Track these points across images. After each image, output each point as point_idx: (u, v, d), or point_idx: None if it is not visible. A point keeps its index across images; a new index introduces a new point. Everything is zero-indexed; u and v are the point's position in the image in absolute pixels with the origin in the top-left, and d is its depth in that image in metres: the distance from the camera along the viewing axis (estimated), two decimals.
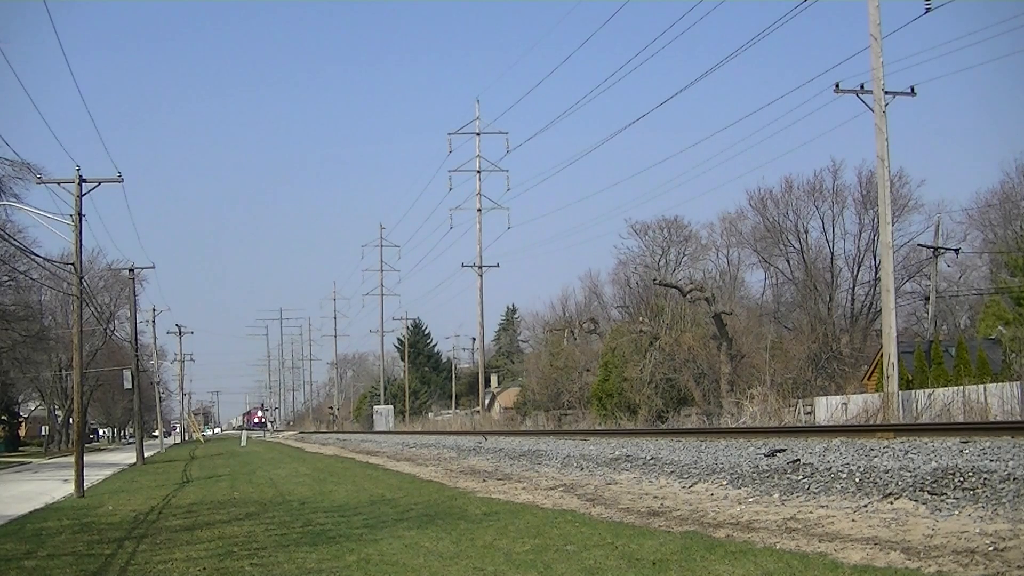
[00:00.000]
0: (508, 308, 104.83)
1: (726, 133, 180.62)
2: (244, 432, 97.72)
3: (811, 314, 48.23)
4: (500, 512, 13.60)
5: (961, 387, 26.31)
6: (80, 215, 25.37)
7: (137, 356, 48.67)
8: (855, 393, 34.18)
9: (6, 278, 43.65)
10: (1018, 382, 26.31)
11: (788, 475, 13.26)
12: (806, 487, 12.45)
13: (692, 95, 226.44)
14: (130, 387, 48.81)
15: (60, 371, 66.55)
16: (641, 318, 46.83)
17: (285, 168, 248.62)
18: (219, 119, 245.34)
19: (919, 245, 48.63)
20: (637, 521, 11.86)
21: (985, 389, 25.79)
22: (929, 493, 10.59)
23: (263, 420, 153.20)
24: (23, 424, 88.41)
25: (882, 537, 9.19)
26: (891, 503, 10.77)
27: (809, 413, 33.29)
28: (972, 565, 7.75)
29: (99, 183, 26.00)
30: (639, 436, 24.73)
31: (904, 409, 25.06)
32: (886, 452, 13.54)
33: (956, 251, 47.28)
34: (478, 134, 59.77)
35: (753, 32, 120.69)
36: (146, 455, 46.19)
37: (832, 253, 52.86)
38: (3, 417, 76.11)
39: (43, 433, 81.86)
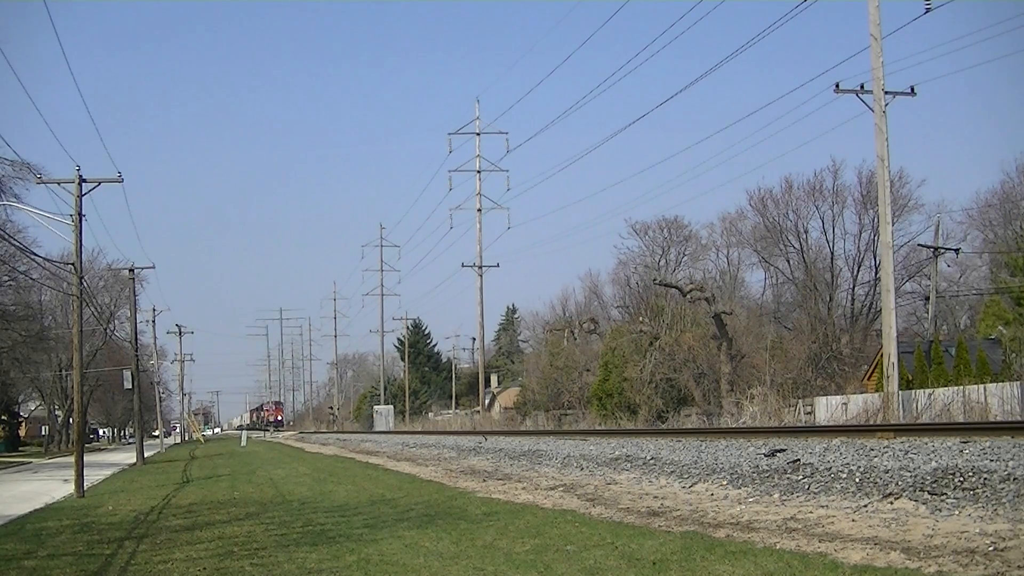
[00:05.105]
0: (508, 308, 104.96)
1: (726, 133, 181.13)
2: (244, 432, 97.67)
3: (811, 314, 48.18)
4: (500, 512, 13.59)
5: (961, 387, 26.30)
6: (80, 215, 25.37)
7: (137, 356, 48.66)
8: (855, 393, 34.16)
9: (6, 278, 43.65)
10: (1018, 382, 26.30)
11: (788, 475, 13.27)
12: (806, 487, 12.45)
13: (692, 95, 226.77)
14: (130, 387, 48.79)
15: (60, 371, 66.54)
16: (641, 318, 46.83)
17: (285, 168, 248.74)
18: (219, 119, 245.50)
19: (919, 245, 48.64)
20: (637, 521, 11.86)
21: (985, 389, 25.78)
22: (929, 493, 10.59)
23: (280, 418, 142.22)
24: (23, 424, 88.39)
25: (882, 537, 9.19)
26: (891, 503, 10.77)
27: (809, 413, 33.28)
28: (972, 565, 7.75)
29: (99, 183, 26.01)
30: (639, 436, 24.73)
31: (904, 409, 25.06)
32: (886, 452, 13.54)
33: (956, 251, 47.25)
34: (478, 134, 59.80)
35: (753, 32, 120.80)
36: (146, 455, 46.18)
37: (832, 253, 52.88)
38: (3, 417, 76.11)
39: (43, 433, 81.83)
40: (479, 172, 60.12)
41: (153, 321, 68.59)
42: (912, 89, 26.62)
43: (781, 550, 9.08)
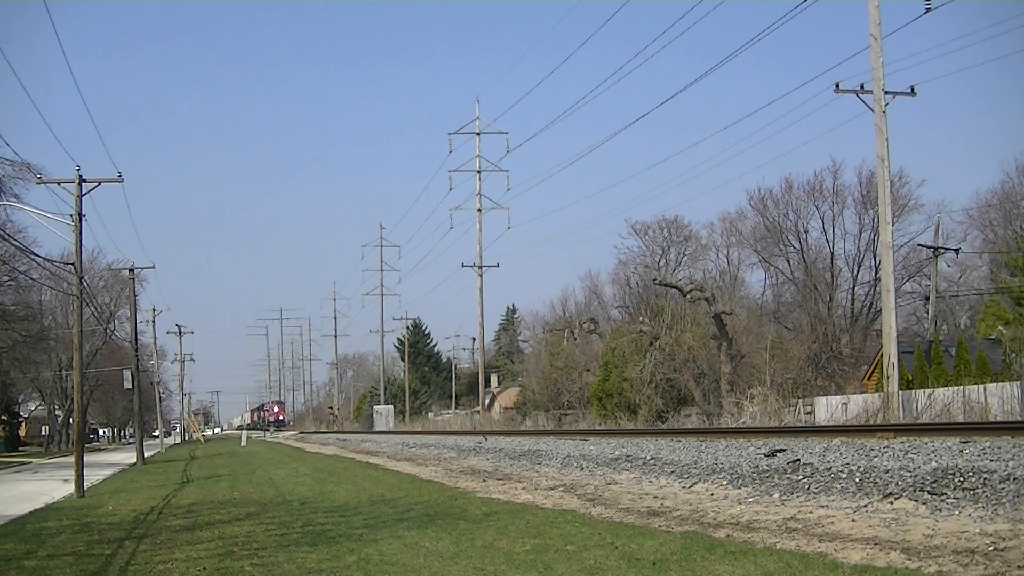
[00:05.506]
0: (508, 308, 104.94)
1: (726, 133, 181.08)
2: (244, 432, 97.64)
3: (811, 314, 48.20)
4: (500, 512, 13.59)
5: (961, 387, 26.30)
6: (80, 215, 25.38)
7: (137, 356, 48.66)
8: (855, 393, 34.16)
9: (6, 278, 43.62)
10: (1018, 382, 26.30)
11: (788, 475, 13.26)
12: (806, 487, 12.45)
13: (692, 95, 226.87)
14: (130, 387, 48.81)
15: (60, 371, 66.54)
16: (641, 318, 46.82)
17: (285, 168, 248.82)
18: (219, 119, 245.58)
19: (919, 245, 48.67)
20: (637, 521, 11.86)
21: (985, 389, 25.78)
22: (929, 493, 10.59)
23: (282, 417, 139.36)
24: (23, 424, 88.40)
25: (882, 537, 9.19)
26: (891, 503, 10.77)
27: (809, 413, 33.28)
28: (972, 565, 7.75)
29: (99, 183, 26.03)
30: (639, 436, 24.73)
31: (904, 409, 25.05)
32: (886, 452, 13.54)
33: (956, 251, 47.28)
34: (478, 134, 59.81)
35: (753, 32, 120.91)
36: (146, 455, 46.19)
37: (832, 253, 52.91)
38: (3, 417, 76.11)
39: (43, 433, 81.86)
40: (479, 172, 60.16)
41: (153, 321, 68.72)
42: (912, 89, 26.63)
43: (781, 550, 9.08)
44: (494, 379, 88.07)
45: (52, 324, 62.12)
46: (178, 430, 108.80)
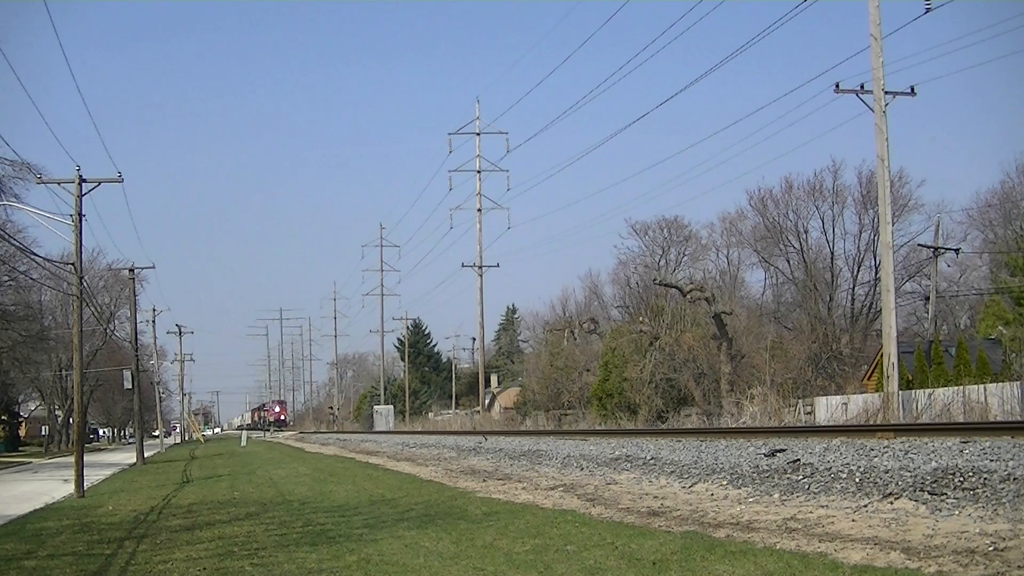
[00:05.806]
0: (508, 308, 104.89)
1: (726, 133, 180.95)
2: (244, 432, 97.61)
3: (811, 314, 48.21)
4: (500, 512, 13.59)
5: (961, 387, 26.29)
6: (80, 215, 25.38)
7: (137, 356, 48.65)
8: (855, 393, 34.16)
9: (6, 278, 43.62)
10: (1018, 382, 26.30)
11: (788, 475, 13.27)
12: (806, 487, 12.45)
13: (692, 95, 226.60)
14: (130, 387, 48.82)
15: (60, 371, 66.55)
16: (641, 318, 46.83)
17: (285, 168, 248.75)
18: (219, 119, 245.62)
19: (919, 245, 48.67)
20: (637, 521, 11.86)
21: (985, 389, 25.78)
22: (929, 493, 10.59)
23: (283, 417, 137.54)
24: (23, 424, 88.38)
25: (882, 537, 9.19)
26: (891, 503, 10.77)
27: (809, 413, 33.28)
28: (972, 565, 7.75)
29: (99, 183, 26.03)
30: (639, 436, 24.73)
31: (904, 409, 25.06)
32: (886, 452, 13.55)
33: (956, 251, 47.28)
34: (478, 134, 59.83)
35: (753, 32, 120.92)
36: (146, 455, 46.17)
37: (832, 253, 52.90)
38: (3, 417, 76.10)
39: (43, 433, 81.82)
40: (479, 172, 60.18)
41: (153, 321, 68.66)
42: (912, 89, 26.62)
43: (781, 550, 9.09)
44: (494, 379, 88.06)
45: (52, 324, 62.11)
46: (178, 430, 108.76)
